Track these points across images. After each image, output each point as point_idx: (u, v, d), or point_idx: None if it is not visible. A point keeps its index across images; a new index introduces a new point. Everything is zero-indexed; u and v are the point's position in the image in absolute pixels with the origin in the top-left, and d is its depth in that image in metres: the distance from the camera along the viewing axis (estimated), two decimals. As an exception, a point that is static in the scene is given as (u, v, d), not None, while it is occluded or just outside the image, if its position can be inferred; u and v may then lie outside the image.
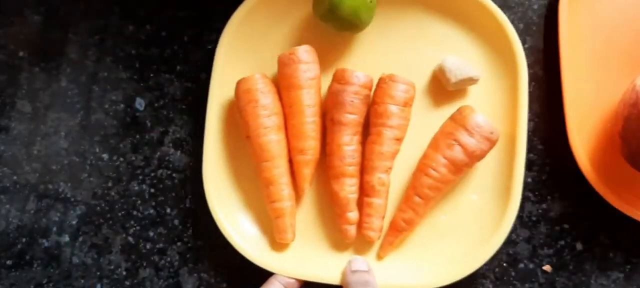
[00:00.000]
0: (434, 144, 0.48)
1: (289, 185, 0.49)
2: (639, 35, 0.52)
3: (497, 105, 0.50)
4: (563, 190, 0.48)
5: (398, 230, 0.48)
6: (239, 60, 0.51)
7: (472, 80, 0.49)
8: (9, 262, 0.52)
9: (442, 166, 0.47)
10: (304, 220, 0.50)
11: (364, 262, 0.48)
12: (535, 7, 0.53)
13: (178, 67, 0.53)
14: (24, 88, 0.53)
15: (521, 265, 0.50)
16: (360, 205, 0.49)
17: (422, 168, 0.48)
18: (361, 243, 0.50)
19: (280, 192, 0.48)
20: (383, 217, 0.49)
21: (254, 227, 0.50)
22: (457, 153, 0.46)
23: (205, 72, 0.53)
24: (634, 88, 0.46)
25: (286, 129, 0.49)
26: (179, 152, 0.52)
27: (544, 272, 0.51)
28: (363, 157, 0.49)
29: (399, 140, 0.48)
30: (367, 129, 0.49)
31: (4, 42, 0.54)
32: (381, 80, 0.48)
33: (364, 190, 0.48)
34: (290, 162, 0.49)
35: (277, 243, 0.49)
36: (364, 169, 0.49)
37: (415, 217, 0.48)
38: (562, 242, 0.51)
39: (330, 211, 0.50)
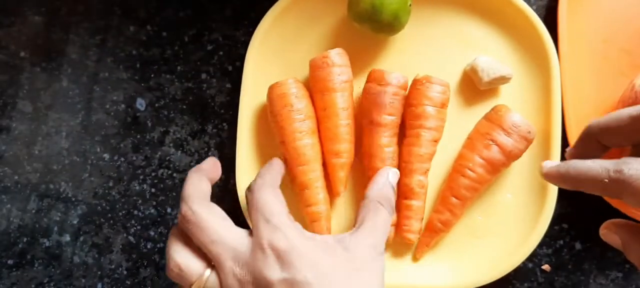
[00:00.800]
0: (470, 144, 0.47)
1: (324, 188, 0.49)
2: (639, 35, 0.52)
3: (530, 103, 0.50)
4: (562, 189, 0.48)
5: (434, 231, 0.48)
6: (268, 65, 0.51)
7: (504, 79, 0.49)
8: (10, 262, 0.52)
9: (479, 166, 0.46)
10: (337, 222, 0.50)
11: (397, 177, 0.46)
12: (535, 7, 0.53)
13: (179, 67, 0.53)
14: (25, 88, 0.53)
15: (520, 265, 0.51)
16: (398, 207, 0.49)
17: (458, 169, 0.47)
18: (396, 245, 0.49)
19: (316, 196, 0.48)
20: (422, 219, 0.48)
21: None
22: (495, 153, 0.46)
23: (206, 72, 0.53)
24: (632, 88, 0.46)
25: (319, 132, 0.49)
26: (179, 152, 0.52)
27: (543, 271, 0.51)
28: (400, 159, 0.49)
29: (436, 141, 0.48)
30: (402, 130, 0.49)
31: (5, 43, 0.54)
32: (417, 82, 0.48)
33: (403, 193, 0.48)
34: (324, 165, 0.49)
35: None
36: (402, 171, 0.48)
37: (452, 218, 0.48)
38: (561, 242, 0.51)
39: None
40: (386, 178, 0.45)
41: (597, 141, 0.37)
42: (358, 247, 0.37)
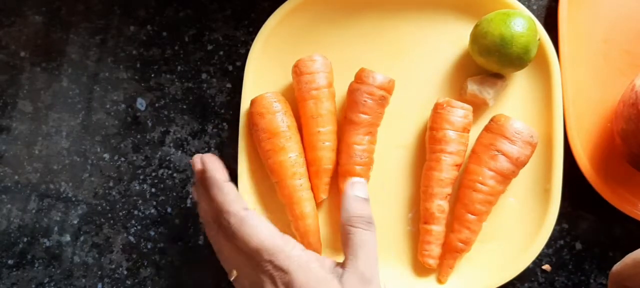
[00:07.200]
0: (476, 158, 0.47)
1: (312, 199, 0.48)
2: (639, 35, 0.52)
3: (531, 105, 0.50)
4: (562, 189, 0.48)
5: (457, 251, 0.48)
6: (269, 65, 0.51)
7: (502, 84, 0.49)
8: (10, 262, 0.52)
9: (490, 179, 0.46)
10: (329, 229, 0.50)
11: (365, 186, 0.46)
12: (535, 7, 0.53)
13: (179, 67, 0.53)
14: (25, 88, 0.53)
15: (521, 265, 0.51)
16: (419, 231, 0.49)
17: (468, 184, 0.47)
18: (418, 268, 0.49)
19: (293, 211, 0.48)
20: (442, 244, 0.48)
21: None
22: (503, 163, 0.46)
23: (206, 72, 0.53)
24: (633, 88, 0.46)
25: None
26: (179, 152, 0.52)
27: (544, 271, 0.51)
28: (422, 184, 0.49)
29: (458, 166, 0.47)
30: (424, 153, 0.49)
31: (5, 43, 0.54)
32: (438, 105, 0.48)
33: (423, 217, 0.48)
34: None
35: None
36: (422, 196, 0.48)
37: (471, 235, 0.47)
38: (561, 242, 0.51)
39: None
40: (350, 194, 0.44)
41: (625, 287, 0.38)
42: (349, 281, 0.40)
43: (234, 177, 0.50)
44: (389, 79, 0.47)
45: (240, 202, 0.41)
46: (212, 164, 0.43)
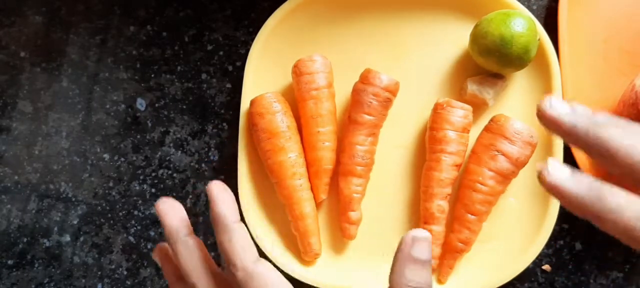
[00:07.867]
0: (476, 159, 0.47)
1: (310, 200, 0.48)
2: (639, 35, 0.52)
3: (530, 106, 0.50)
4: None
5: (457, 251, 0.48)
6: (269, 65, 0.51)
7: (502, 84, 0.49)
8: (10, 262, 0.52)
9: (490, 179, 0.46)
10: (328, 228, 0.50)
11: (430, 244, 0.32)
12: (535, 7, 0.53)
13: (179, 68, 0.53)
14: (25, 88, 0.53)
15: (521, 265, 0.51)
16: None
17: (468, 184, 0.47)
18: None
19: (293, 211, 0.48)
20: (442, 244, 0.48)
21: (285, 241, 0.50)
22: (503, 163, 0.46)
23: (206, 72, 0.53)
24: (633, 88, 0.46)
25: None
26: (179, 152, 0.52)
27: (543, 271, 0.51)
28: (422, 184, 0.49)
29: (458, 166, 0.47)
30: (424, 153, 0.49)
31: (5, 43, 0.54)
32: (438, 106, 0.48)
33: (423, 217, 0.48)
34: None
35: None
36: (422, 196, 0.48)
37: (471, 235, 0.47)
38: (561, 242, 0.51)
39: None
40: (409, 253, 0.31)
41: None
42: None
43: (234, 177, 0.50)
44: (394, 81, 0.47)
45: (251, 251, 0.34)
46: (222, 197, 0.34)
